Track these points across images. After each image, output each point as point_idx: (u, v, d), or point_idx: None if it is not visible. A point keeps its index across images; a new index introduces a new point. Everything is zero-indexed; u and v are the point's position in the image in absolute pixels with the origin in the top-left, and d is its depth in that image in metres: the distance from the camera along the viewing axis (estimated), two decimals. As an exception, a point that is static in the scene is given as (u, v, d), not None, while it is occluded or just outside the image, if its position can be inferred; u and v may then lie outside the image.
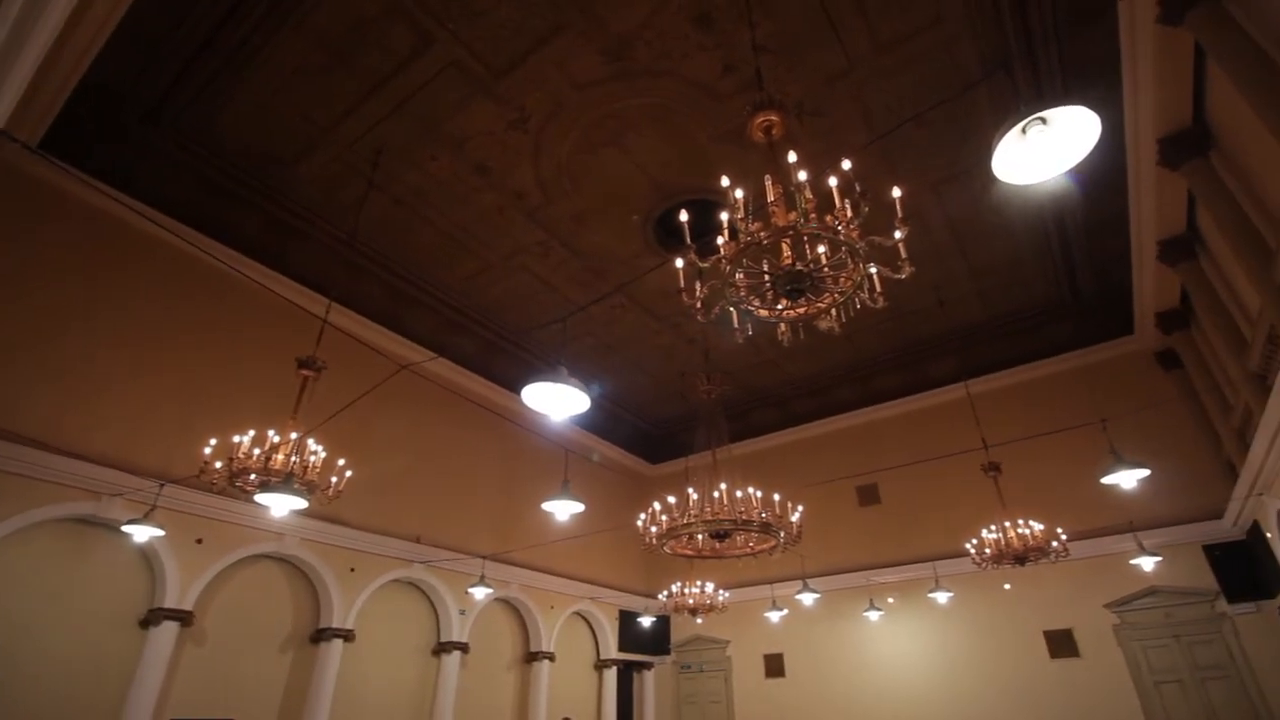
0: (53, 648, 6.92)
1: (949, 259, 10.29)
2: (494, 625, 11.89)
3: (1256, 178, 6.35)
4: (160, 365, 8.27)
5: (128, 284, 8.20)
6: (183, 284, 8.72)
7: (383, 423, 10.49)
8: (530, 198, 8.94)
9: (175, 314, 8.57)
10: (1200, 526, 10.02)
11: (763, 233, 3.83)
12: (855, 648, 12.47)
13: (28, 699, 6.61)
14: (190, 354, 8.58)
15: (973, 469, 9.73)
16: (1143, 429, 10.19)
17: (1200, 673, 9.47)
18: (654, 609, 14.48)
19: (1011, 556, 8.12)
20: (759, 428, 15.07)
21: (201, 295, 8.89)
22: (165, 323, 8.45)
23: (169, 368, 8.34)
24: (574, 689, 12.97)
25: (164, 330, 8.40)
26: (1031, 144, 3.17)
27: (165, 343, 8.38)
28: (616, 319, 11.62)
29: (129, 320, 8.12)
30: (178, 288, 8.66)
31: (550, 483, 10.16)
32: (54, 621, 7.00)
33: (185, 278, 8.74)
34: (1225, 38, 5.28)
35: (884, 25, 6.86)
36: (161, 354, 8.32)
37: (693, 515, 6.73)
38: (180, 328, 8.57)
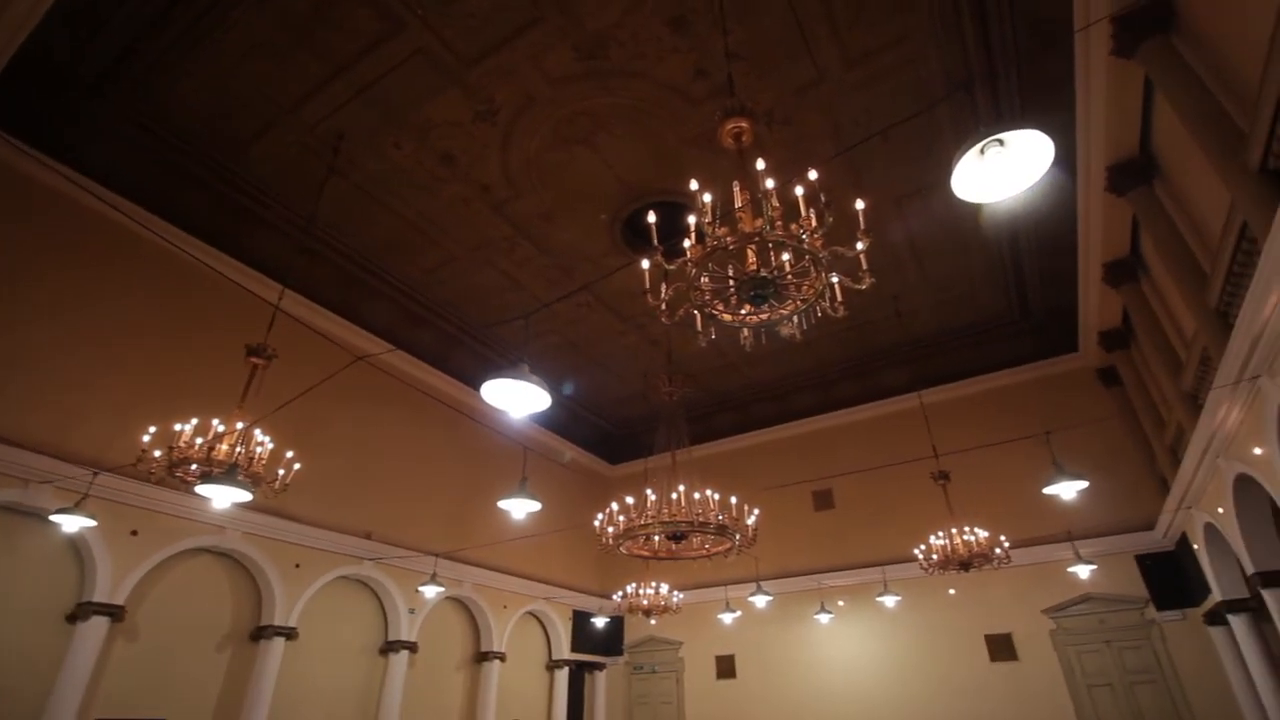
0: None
1: (907, 272, 10.54)
2: (444, 625, 11.68)
3: (1195, 206, 6.68)
4: (98, 347, 7.87)
5: (65, 260, 7.78)
6: (126, 263, 8.32)
7: (335, 415, 10.20)
8: (497, 191, 8.82)
9: (117, 294, 8.16)
10: (1133, 537, 10.50)
11: (729, 238, 3.85)
12: (805, 650, 12.67)
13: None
14: (132, 337, 8.19)
15: (923, 477, 10.01)
16: (1083, 442, 10.63)
17: (1129, 677, 9.93)
18: (608, 609, 14.45)
19: (957, 563, 8.38)
20: (719, 431, 15.19)
21: (146, 276, 8.50)
22: (105, 303, 8.04)
23: (108, 350, 7.94)
24: (524, 690, 12.84)
25: (104, 311, 8.00)
26: (989, 164, 3.25)
27: (105, 324, 7.97)
28: (581, 318, 11.56)
29: (66, 298, 7.70)
30: (120, 267, 8.26)
31: (508, 481, 10.03)
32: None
33: (129, 257, 8.34)
34: (1172, 72, 5.54)
35: (853, 40, 6.99)
36: (100, 336, 7.91)
37: (650, 516, 6.74)
38: (122, 309, 8.17)
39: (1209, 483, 7.79)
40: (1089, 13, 6.02)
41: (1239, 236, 5.35)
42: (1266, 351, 5.27)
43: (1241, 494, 6.90)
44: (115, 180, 8.04)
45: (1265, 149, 4.56)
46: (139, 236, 8.22)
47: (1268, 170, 4.67)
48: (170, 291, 8.69)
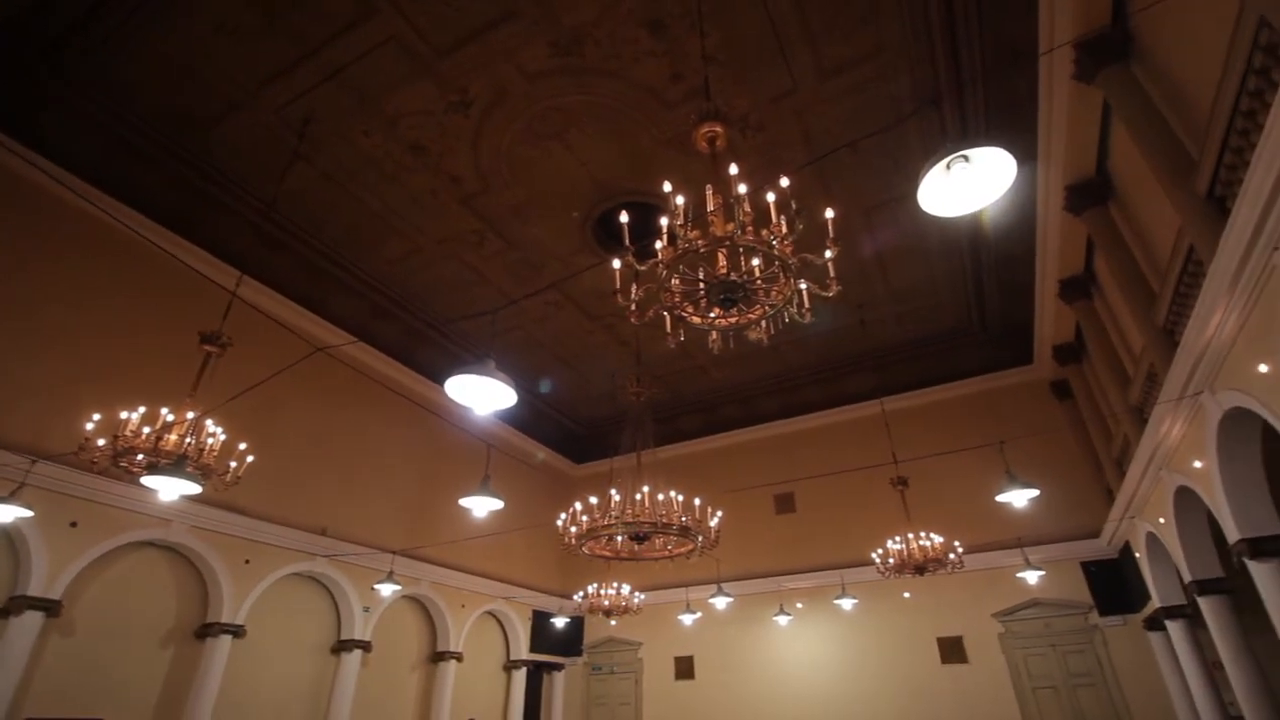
0: (-116, 639, 6.14)
1: (873, 281, 10.74)
2: (400, 623, 11.47)
3: (1147, 228, 6.95)
4: (42, 330, 7.50)
5: (7, 237, 7.39)
6: (74, 243, 7.95)
7: (292, 407, 9.93)
8: (467, 184, 8.70)
9: (63, 275, 7.79)
10: (1079, 544, 10.89)
11: (700, 241, 3.86)
12: (763, 651, 12.80)
13: None
14: (78, 320, 7.83)
15: (882, 482, 10.21)
16: (1035, 452, 10.98)
17: (1072, 679, 10.28)
18: (568, 610, 14.38)
19: (912, 567, 8.56)
20: (685, 432, 15.25)
21: (96, 257, 8.13)
22: (51, 284, 7.67)
23: (51, 334, 7.57)
24: (481, 690, 12.69)
25: (45, 290, 7.62)
26: (954, 179, 3.33)
27: (45, 304, 7.59)
28: (549, 315, 11.48)
29: (6, 277, 7.32)
30: (68, 246, 7.89)
31: (470, 478, 9.90)
32: (-112, 610, 6.21)
33: (78, 236, 7.97)
34: (1129, 98, 5.76)
35: (828, 52, 7.08)
36: (44, 318, 7.54)
37: (613, 517, 6.71)
38: (68, 291, 7.80)
39: (1151, 494, 8.12)
40: (1053, 37, 6.22)
41: (1186, 259, 5.58)
42: (1208, 370, 5.51)
43: (1181, 505, 7.21)
44: (63, 155, 7.68)
45: (1213, 176, 4.76)
46: (87, 214, 7.87)
47: (1214, 196, 4.88)
48: (120, 273, 8.34)
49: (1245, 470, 5.74)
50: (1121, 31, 5.79)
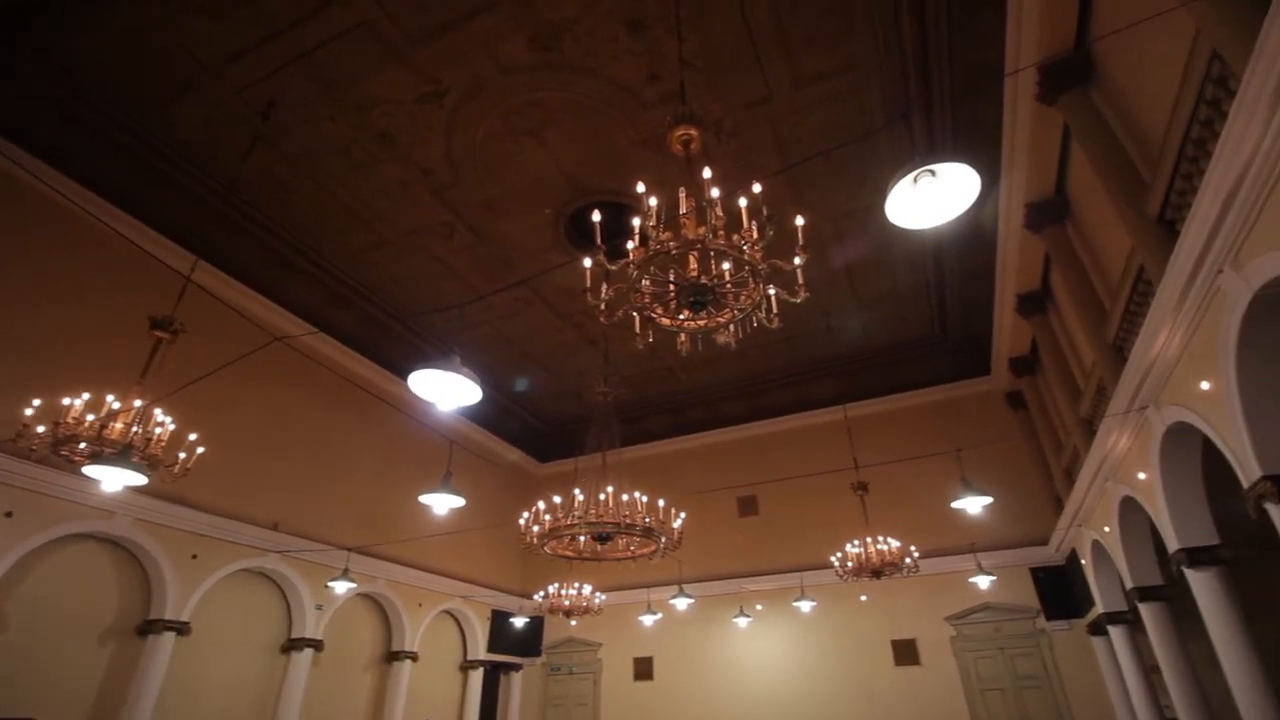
0: None
1: (840, 289, 10.92)
2: (353, 622, 11.21)
3: (1100, 248, 7.22)
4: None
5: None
6: (17, 219, 7.56)
7: (247, 397, 9.63)
8: (438, 176, 8.55)
9: (4, 251, 7.41)
10: (1029, 551, 11.24)
11: (672, 243, 3.86)
12: (722, 652, 12.89)
13: None
14: (18, 300, 7.45)
15: (843, 487, 10.38)
16: (990, 461, 11.30)
17: (1019, 682, 10.61)
18: (528, 609, 14.27)
19: (870, 570, 8.72)
20: (651, 433, 15.26)
21: (41, 234, 7.76)
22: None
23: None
24: (436, 690, 12.49)
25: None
26: (921, 193, 3.39)
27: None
28: (518, 312, 11.36)
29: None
30: (10, 221, 7.50)
31: (431, 474, 9.74)
32: None
33: (22, 212, 7.59)
34: (1088, 122, 5.97)
35: (803, 62, 7.17)
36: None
37: (577, 516, 6.68)
38: (8, 268, 7.42)
39: (1098, 503, 8.43)
40: (1019, 59, 6.41)
41: (1136, 278, 5.81)
42: (1154, 385, 5.74)
43: (1126, 515, 7.50)
44: (7, 126, 7.31)
45: (1164, 200, 4.97)
46: (33, 189, 7.51)
47: (1165, 219, 5.09)
48: (67, 253, 7.97)
49: (1186, 483, 6.00)
50: (1083, 57, 6.00)
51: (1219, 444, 4.85)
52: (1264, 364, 4.30)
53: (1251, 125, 3.53)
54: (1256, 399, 4.36)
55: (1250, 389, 4.35)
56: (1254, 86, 3.38)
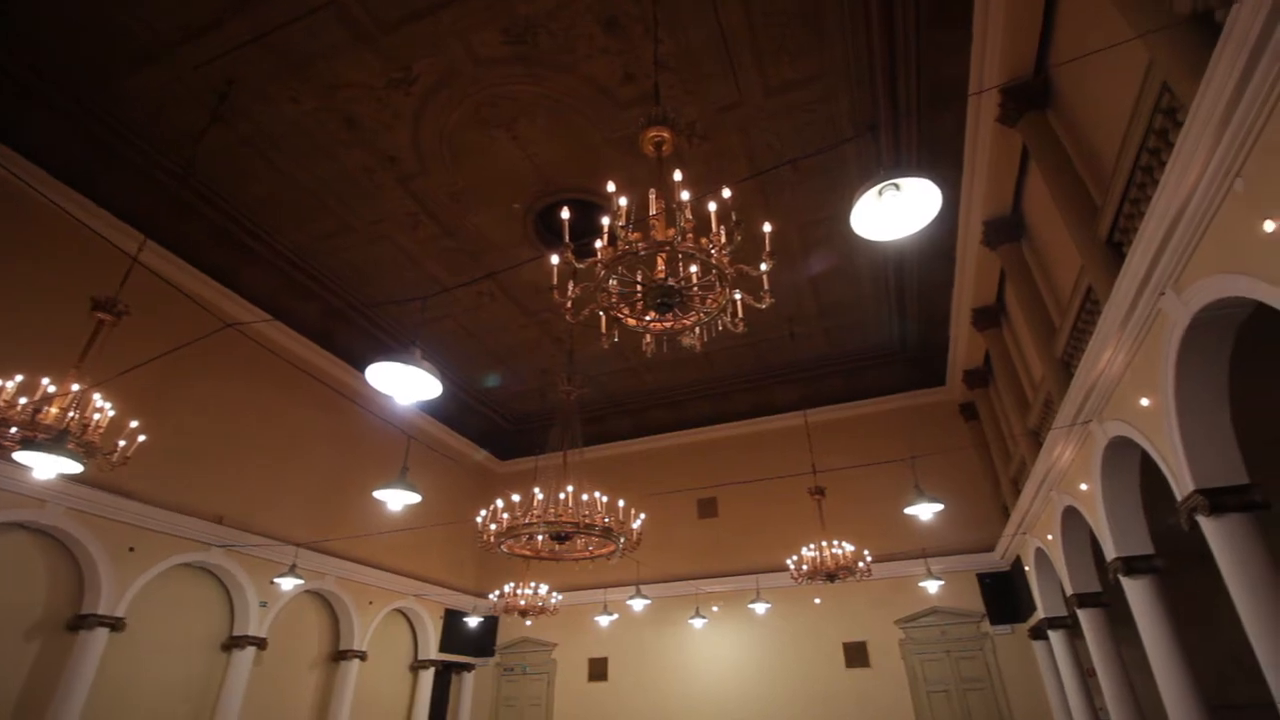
0: None
1: (804, 297, 11.07)
2: (300, 619, 10.89)
3: (1052, 266, 7.49)
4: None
5: None
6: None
7: (195, 385, 9.27)
8: (405, 164, 8.38)
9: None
10: (976, 557, 11.59)
11: (641, 244, 3.85)
12: (678, 653, 12.93)
13: None
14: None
15: (802, 491, 10.53)
16: (943, 469, 11.61)
17: (964, 684, 10.93)
18: (483, 609, 14.09)
19: (825, 573, 8.86)
20: (613, 433, 15.24)
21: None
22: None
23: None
24: (385, 690, 12.23)
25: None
26: (885, 205, 3.46)
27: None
28: (482, 306, 11.21)
29: None
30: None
31: (386, 469, 9.54)
32: None
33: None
34: (1045, 144, 6.18)
35: (775, 70, 7.25)
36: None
37: (535, 515, 6.61)
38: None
39: (1042, 512, 8.74)
40: (982, 80, 6.61)
41: (1084, 297, 6.04)
42: (1098, 400, 5.98)
43: (1068, 524, 7.79)
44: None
45: (1113, 223, 5.17)
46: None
47: (1113, 242, 5.30)
48: (3, 226, 7.53)
49: (1124, 495, 6.26)
50: (1042, 81, 6.21)
51: (1156, 458, 5.08)
52: (1200, 384, 4.52)
53: (1195, 156, 3.70)
54: (1192, 417, 4.58)
55: (1186, 407, 4.57)
56: (1199, 119, 3.54)
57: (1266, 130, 3.24)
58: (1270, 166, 3.27)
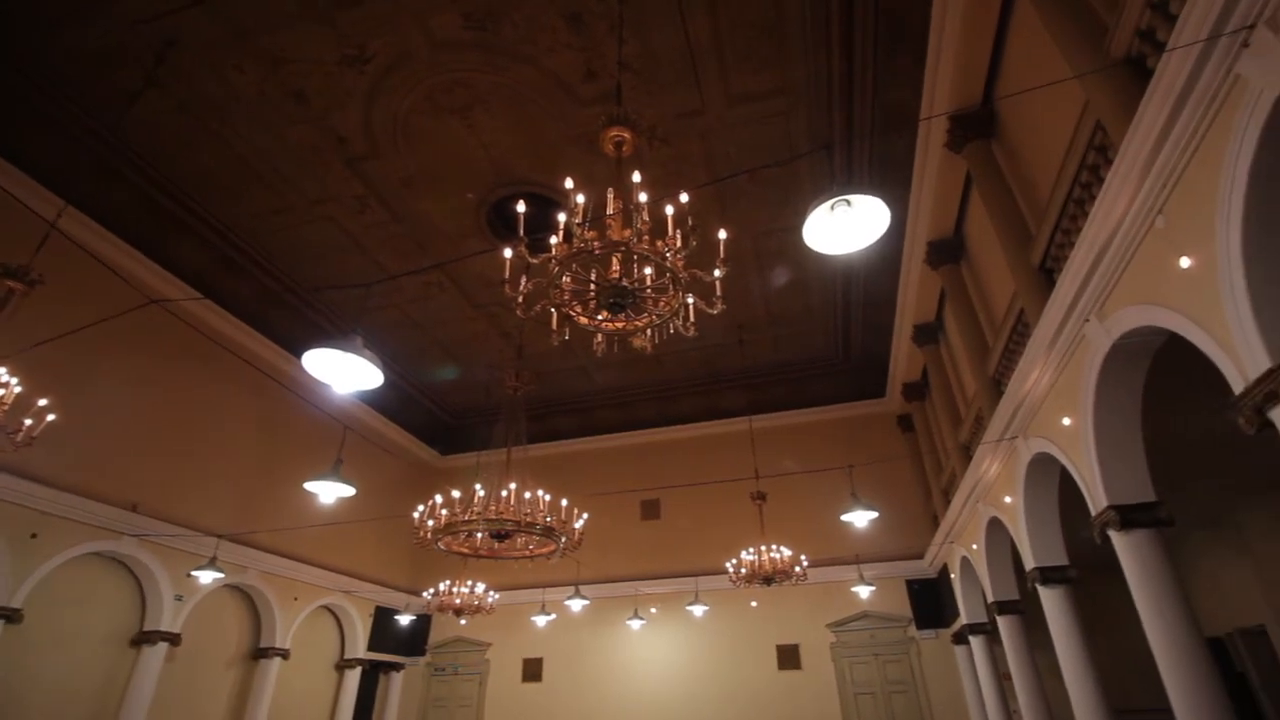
0: None
1: (755, 304, 11.25)
2: (218, 615, 10.35)
3: (988, 288, 7.84)
4: None
5: None
6: None
7: (113, 363, 8.70)
8: (354, 145, 8.08)
9: None
10: (906, 564, 12.02)
11: (596, 242, 3.82)
12: (614, 654, 12.92)
13: None
14: None
15: (743, 495, 10.67)
16: (879, 478, 11.98)
17: (889, 686, 11.31)
18: (415, 607, 13.72)
19: (762, 577, 9.01)
20: (559, 432, 15.11)
21: None
22: None
23: None
24: (307, 690, 11.75)
25: None
26: (836, 220, 3.54)
27: None
28: (430, 296, 10.92)
29: None
30: None
31: (319, 460, 9.19)
32: None
33: None
34: (988, 171, 6.47)
35: (737, 81, 7.34)
36: None
37: (476, 512, 6.49)
38: None
39: (969, 523, 9.13)
40: (932, 107, 6.87)
41: (1016, 320, 6.34)
42: (1024, 418, 6.28)
43: (992, 534, 8.16)
44: None
45: (1045, 251, 5.45)
46: None
47: (1045, 269, 5.58)
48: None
49: (1044, 508, 6.60)
50: (989, 112, 6.50)
51: (1074, 475, 5.37)
52: (1116, 406, 4.80)
53: (1122, 192, 3.93)
54: (1108, 436, 4.86)
55: (1103, 427, 4.85)
56: (1128, 158, 3.76)
57: (1188, 172, 3.47)
58: (1189, 206, 3.50)
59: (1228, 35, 2.95)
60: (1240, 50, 2.93)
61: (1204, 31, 3.02)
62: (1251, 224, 3.03)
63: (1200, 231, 3.39)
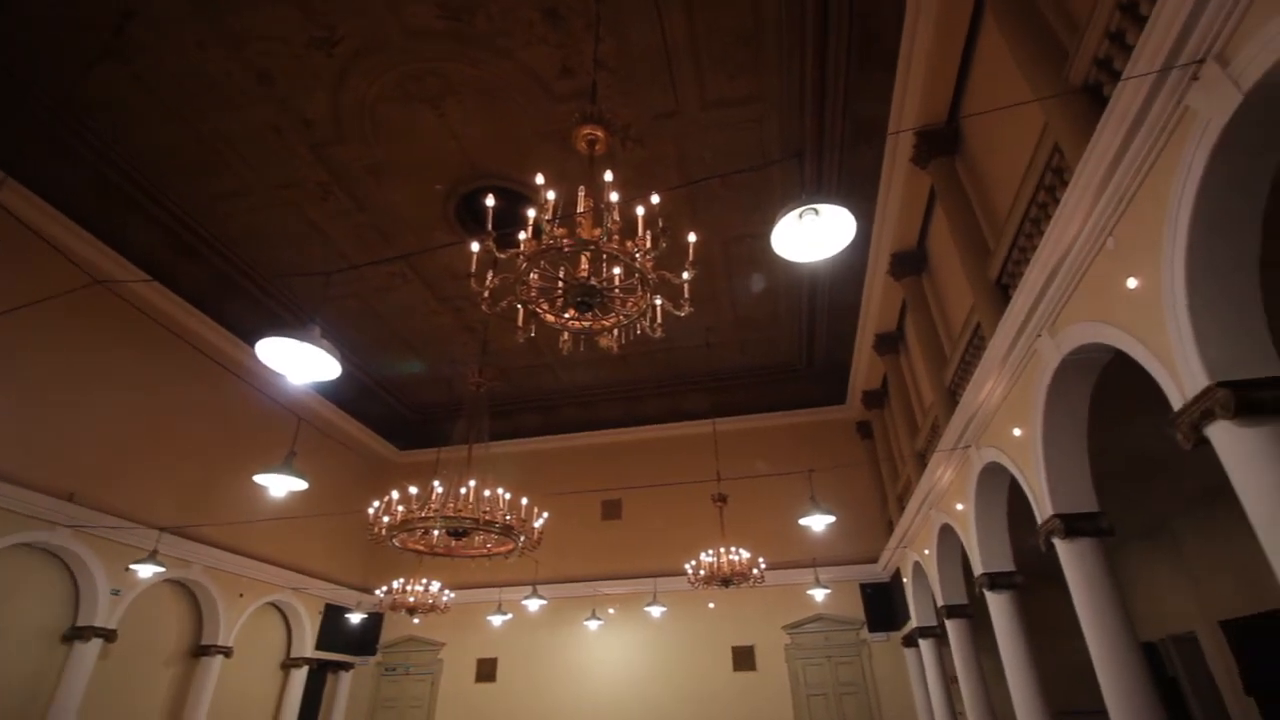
0: None
1: (722, 308, 11.34)
2: (157, 610, 9.94)
3: (948, 301, 8.05)
4: None
5: None
6: None
7: (53, 345, 8.29)
8: (319, 130, 7.86)
9: None
10: (861, 568, 12.26)
11: (566, 240, 3.80)
12: (570, 655, 12.85)
13: None
14: None
15: (704, 497, 10.76)
16: (838, 483, 12.21)
17: (840, 688, 11.52)
18: (367, 605, 13.42)
19: (720, 579, 9.08)
20: (522, 429, 14.97)
21: None
22: None
23: None
24: (250, 690, 11.38)
25: None
26: (804, 228, 3.58)
27: None
28: (393, 288, 10.69)
29: None
30: None
31: (271, 452, 8.92)
32: None
33: None
34: (951, 187, 6.64)
35: (712, 85, 7.38)
36: None
37: (433, 509, 6.38)
38: None
39: (922, 528, 9.36)
40: (900, 122, 7.02)
41: (973, 333, 6.53)
42: (977, 428, 6.47)
43: (943, 541, 8.38)
44: None
45: (1002, 267, 5.62)
46: None
47: (1001, 284, 5.76)
48: None
49: (993, 515, 6.81)
50: (954, 129, 6.67)
51: (1023, 484, 5.55)
52: (1064, 419, 4.98)
53: (1076, 214, 4.08)
54: (1055, 448, 5.04)
55: (1052, 439, 5.02)
56: (1083, 181, 3.91)
57: (1138, 197, 3.62)
58: (1138, 229, 3.65)
59: (1179, 68, 3.09)
60: (1190, 83, 3.07)
61: (1157, 63, 3.16)
62: (1195, 248, 3.18)
63: (1147, 254, 3.53)
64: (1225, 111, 2.89)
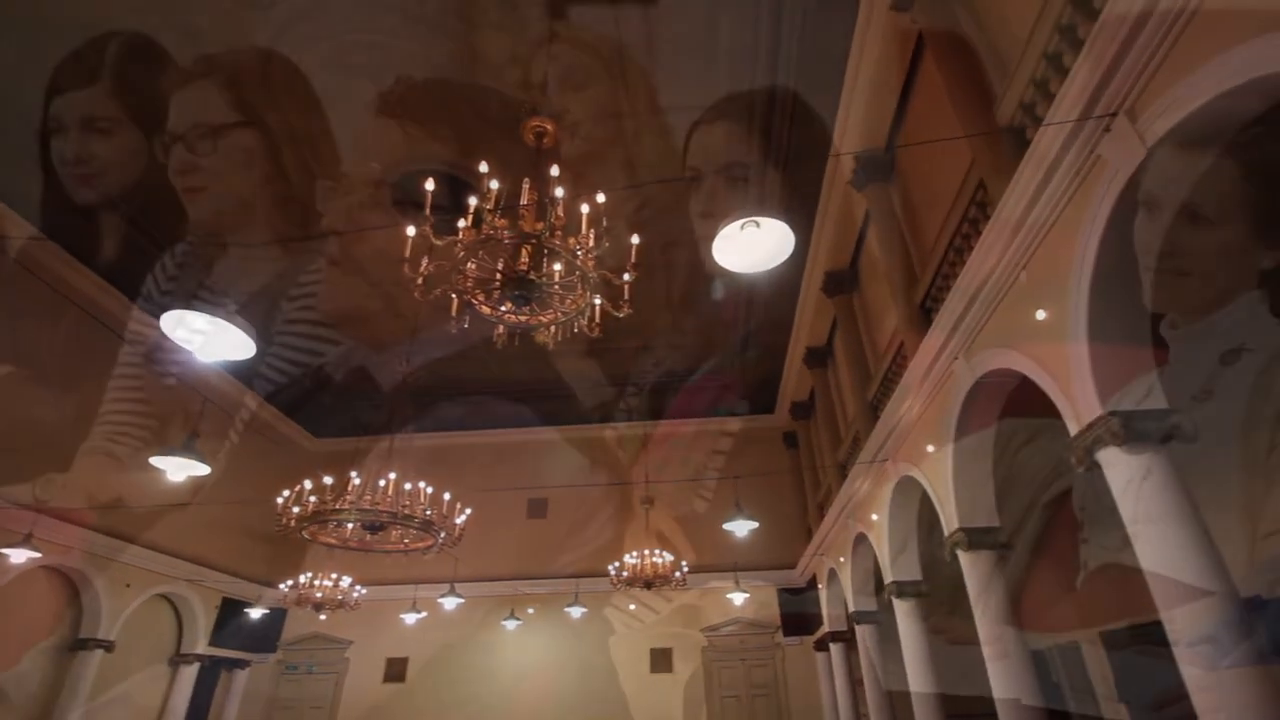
0: None
1: (659, 312, 11.39)
2: (27, 602, 9.05)
3: (875, 319, 8.39)
4: None
5: None
6: None
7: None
8: (248, 92, 7.38)
9: None
10: (780, 573, 12.60)
11: (507, 231, 3.72)
12: (485, 655, 12.59)
13: None
14: None
15: (631, 499, 10.79)
16: (762, 490, 12.49)
17: (753, 690, 11.80)
18: (270, 599, 12.70)
19: (642, 581, 9.12)
20: (448, 422, 14.55)
21: None
22: None
23: None
24: (133, 688, 10.53)
25: None
26: (745, 240, 3.64)
27: None
28: (320, 267, 10.17)
29: None
30: None
31: (170, 433, 8.32)
32: None
33: None
34: (883, 212, 6.93)
35: (663, 90, 7.40)
36: None
37: (349, 501, 6.10)
38: None
39: (839, 537, 9.71)
40: (842, 145, 7.27)
41: (896, 352, 6.83)
42: (895, 442, 6.77)
43: (858, 549, 8.73)
44: None
45: (926, 292, 5.91)
46: None
47: (925, 308, 6.05)
48: None
49: (904, 526, 7.14)
50: (890, 157, 6.97)
51: (933, 497, 5.84)
52: (973, 438, 5.27)
53: (995, 247, 4.33)
54: (964, 465, 5.33)
55: (962, 457, 5.31)
56: (1003, 216, 4.15)
57: (1050, 235, 3.87)
58: (1049, 265, 3.91)
59: (1094, 119, 3.32)
60: (1103, 134, 3.31)
61: (1075, 113, 3.39)
62: (1098, 287, 3.43)
63: (1055, 289, 3.79)
64: (1131, 163, 3.13)
